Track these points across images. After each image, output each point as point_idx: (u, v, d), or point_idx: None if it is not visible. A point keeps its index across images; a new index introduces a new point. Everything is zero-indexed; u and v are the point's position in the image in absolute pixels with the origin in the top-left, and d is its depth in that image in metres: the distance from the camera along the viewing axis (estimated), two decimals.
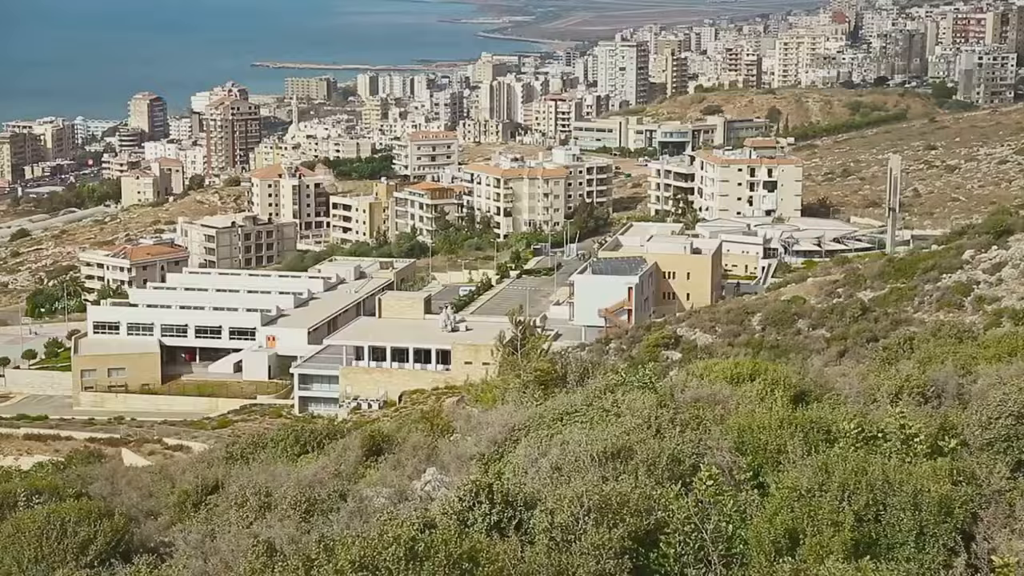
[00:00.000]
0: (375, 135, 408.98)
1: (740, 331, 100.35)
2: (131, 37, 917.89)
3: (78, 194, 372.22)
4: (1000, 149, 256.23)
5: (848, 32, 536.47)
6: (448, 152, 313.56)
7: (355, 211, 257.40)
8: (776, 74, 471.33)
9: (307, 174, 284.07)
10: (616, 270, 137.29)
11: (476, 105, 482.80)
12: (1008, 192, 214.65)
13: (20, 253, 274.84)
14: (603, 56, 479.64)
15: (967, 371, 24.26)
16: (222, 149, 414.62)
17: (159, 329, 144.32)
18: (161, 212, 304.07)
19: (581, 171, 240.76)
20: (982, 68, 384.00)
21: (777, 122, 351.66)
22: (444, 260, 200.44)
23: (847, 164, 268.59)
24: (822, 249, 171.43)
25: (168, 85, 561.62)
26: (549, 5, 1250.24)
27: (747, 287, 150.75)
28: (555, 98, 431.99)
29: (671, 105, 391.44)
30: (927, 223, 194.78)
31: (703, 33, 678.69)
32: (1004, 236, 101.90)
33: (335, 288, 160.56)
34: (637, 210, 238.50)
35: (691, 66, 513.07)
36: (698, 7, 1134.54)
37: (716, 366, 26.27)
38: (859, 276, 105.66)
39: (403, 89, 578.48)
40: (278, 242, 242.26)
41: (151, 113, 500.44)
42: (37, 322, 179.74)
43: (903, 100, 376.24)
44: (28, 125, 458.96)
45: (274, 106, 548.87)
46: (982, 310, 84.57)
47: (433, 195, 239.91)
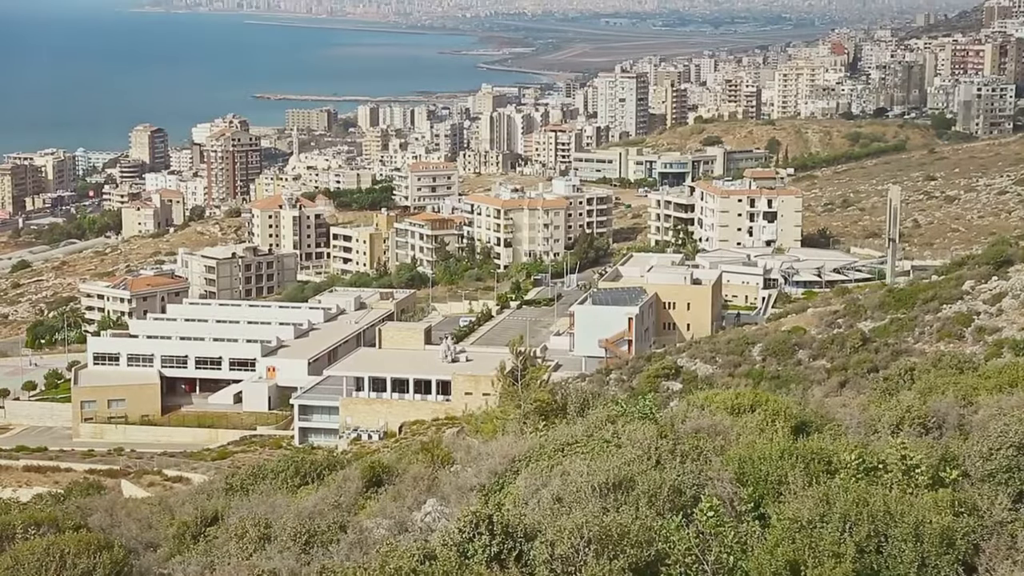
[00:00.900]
0: (375, 166, 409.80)
1: (740, 361, 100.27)
2: (132, 69, 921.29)
3: (79, 225, 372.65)
4: (999, 180, 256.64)
5: (847, 63, 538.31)
6: (448, 183, 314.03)
7: (355, 242, 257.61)
8: (775, 105, 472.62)
9: (307, 205, 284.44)
10: (616, 300, 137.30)
11: (476, 136, 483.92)
12: (1008, 222, 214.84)
13: (21, 284, 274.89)
14: (603, 87, 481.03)
15: (968, 402, 24.24)
16: (223, 180, 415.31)
17: (159, 360, 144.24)
18: (162, 243, 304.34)
19: (581, 202, 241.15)
20: (981, 99, 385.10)
21: (777, 153, 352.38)
22: (444, 291, 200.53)
23: (847, 195, 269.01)
24: (822, 279, 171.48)
25: (169, 116, 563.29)
26: (549, 37, 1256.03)
27: (747, 317, 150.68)
28: (555, 129, 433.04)
29: (671, 136, 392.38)
30: (927, 253, 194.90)
31: (702, 64, 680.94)
32: (1004, 267, 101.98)
33: (335, 319, 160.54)
34: (637, 240, 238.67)
35: (691, 97, 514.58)
36: (697, 39, 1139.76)
37: (717, 397, 26.25)
38: (859, 306, 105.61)
39: (403, 120, 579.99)
40: (278, 273, 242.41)
41: (152, 144, 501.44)
42: (37, 353, 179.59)
43: (902, 131, 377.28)
44: (29, 157, 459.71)
45: (275, 137, 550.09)
46: (983, 340, 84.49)
47: (433, 226, 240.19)
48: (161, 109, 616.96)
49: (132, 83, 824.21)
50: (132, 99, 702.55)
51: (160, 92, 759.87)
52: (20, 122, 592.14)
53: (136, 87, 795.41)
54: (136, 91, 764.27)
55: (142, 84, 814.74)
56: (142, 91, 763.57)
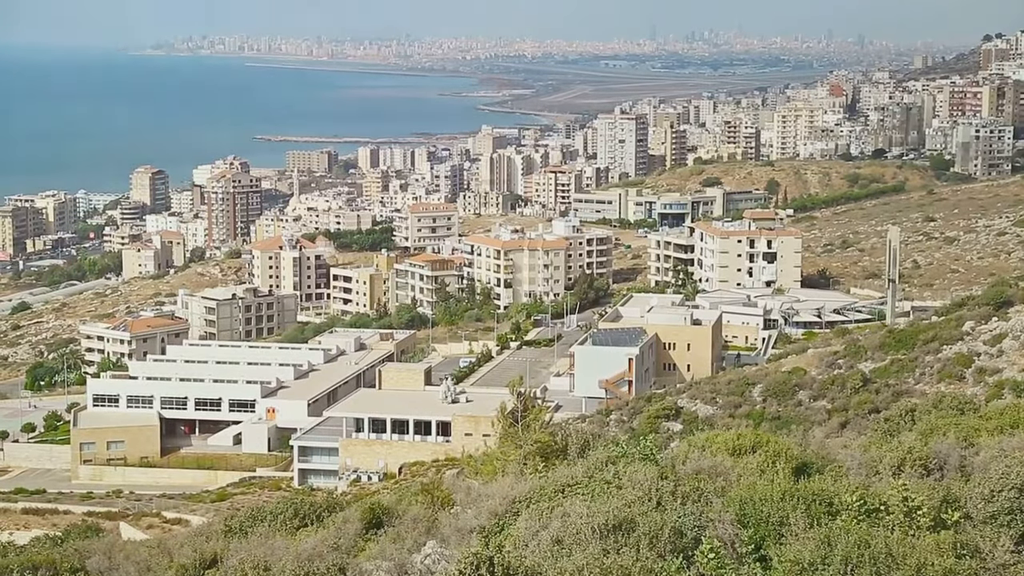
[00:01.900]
0: (376, 207, 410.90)
1: (741, 402, 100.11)
2: (134, 111, 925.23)
3: (79, 267, 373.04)
4: (999, 221, 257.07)
5: (845, 105, 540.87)
6: (448, 224, 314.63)
7: (355, 283, 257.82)
8: (775, 146, 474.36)
9: (308, 246, 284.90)
10: (616, 341, 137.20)
11: (476, 177, 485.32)
12: (1007, 263, 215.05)
13: (20, 326, 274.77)
14: (602, 128, 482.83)
15: (969, 443, 24.20)
16: (223, 221, 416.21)
17: (159, 402, 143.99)
18: (162, 284, 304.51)
19: (581, 242, 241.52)
20: (979, 141, 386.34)
21: (776, 194, 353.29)
22: (444, 331, 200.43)
23: (846, 235, 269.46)
24: (822, 320, 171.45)
25: (170, 158, 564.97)
26: (549, 79, 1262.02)
27: (747, 358, 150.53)
28: (555, 170, 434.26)
29: (670, 177, 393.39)
30: (927, 294, 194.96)
31: (702, 106, 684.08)
32: (1004, 308, 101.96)
33: (335, 360, 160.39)
34: (637, 281, 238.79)
35: (690, 138, 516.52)
36: (696, 80, 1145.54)
37: (717, 438, 26.20)
38: (860, 347, 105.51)
39: (404, 161, 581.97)
40: (278, 314, 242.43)
41: (153, 186, 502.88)
42: (37, 395, 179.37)
43: (901, 172, 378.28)
44: (30, 199, 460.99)
45: (275, 179, 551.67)
46: (983, 382, 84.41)
47: (433, 267, 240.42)
48: (162, 151, 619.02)
49: (134, 125, 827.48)
50: (133, 141, 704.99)
51: (161, 134, 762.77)
52: (22, 164, 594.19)
53: (138, 129, 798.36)
54: (138, 133, 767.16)
55: (144, 126, 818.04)
56: (144, 133, 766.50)
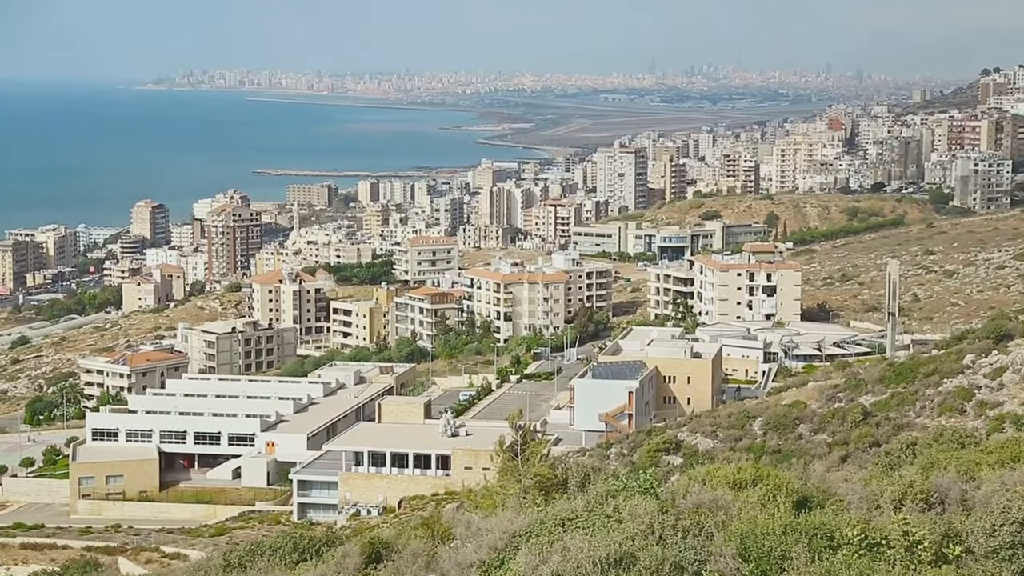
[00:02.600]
0: (376, 240, 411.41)
1: (741, 436, 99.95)
2: (135, 146, 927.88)
3: (79, 301, 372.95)
4: (998, 254, 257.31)
5: (844, 139, 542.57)
6: (448, 257, 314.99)
7: (355, 316, 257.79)
8: (774, 180, 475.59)
9: (308, 279, 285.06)
10: (616, 374, 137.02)
11: (476, 211, 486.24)
12: (1007, 297, 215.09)
13: (20, 360, 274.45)
14: (602, 162, 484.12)
15: (970, 477, 24.15)
16: (223, 255, 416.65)
17: (158, 436, 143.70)
18: (162, 318, 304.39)
19: (581, 276, 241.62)
20: (978, 174, 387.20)
21: (775, 227, 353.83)
22: (444, 365, 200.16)
23: (846, 269, 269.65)
24: (822, 353, 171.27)
25: (171, 192, 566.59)
26: (548, 113, 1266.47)
27: (748, 391, 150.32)
28: (554, 203, 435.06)
29: (670, 210, 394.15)
30: (927, 328, 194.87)
31: (701, 140, 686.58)
32: (1004, 341, 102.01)
33: (335, 393, 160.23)
34: (637, 314, 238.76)
35: (689, 172, 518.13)
36: (695, 114, 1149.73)
37: (718, 471, 26.15)
38: (860, 381, 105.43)
39: (404, 195, 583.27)
40: (278, 347, 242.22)
41: (153, 220, 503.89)
42: (36, 429, 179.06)
43: (900, 206, 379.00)
44: (30, 233, 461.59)
45: (275, 212, 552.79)
46: (984, 415, 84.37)
47: (433, 300, 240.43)
48: (163, 185, 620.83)
49: (134, 159, 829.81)
50: (134, 175, 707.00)
51: (162, 168, 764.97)
52: (21, 198, 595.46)
53: (138, 163, 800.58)
54: (138, 167, 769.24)
55: (144, 160, 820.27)
56: (144, 167, 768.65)
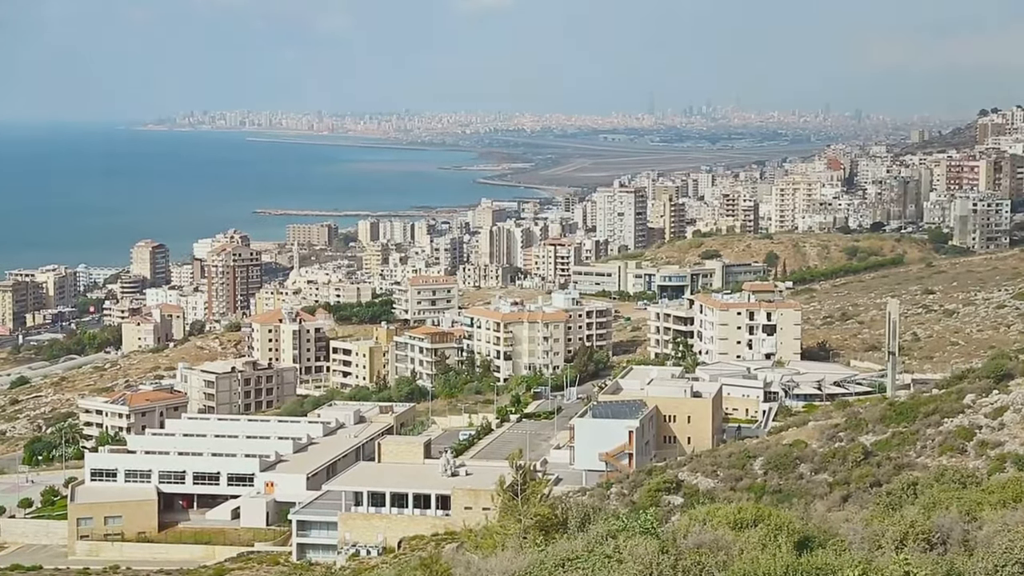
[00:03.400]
0: (375, 280, 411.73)
1: (742, 475, 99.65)
2: (135, 186, 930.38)
3: (78, 341, 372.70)
4: (998, 294, 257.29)
5: (843, 179, 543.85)
6: (448, 296, 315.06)
7: (355, 355, 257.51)
8: (773, 219, 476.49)
9: (307, 319, 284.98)
10: (616, 414, 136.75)
11: (476, 250, 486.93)
12: (1007, 336, 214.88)
13: (19, 400, 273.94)
14: (602, 201, 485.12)
15: (972, 517, 24.09)
16: (223, 295, 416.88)
17: (157, 476, 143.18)
18: (161, 358, 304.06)
19: (581, 315, 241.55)
20: (977, 214, 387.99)
21: (775, 266, 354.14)
22: (444, 404, 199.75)
23: (845, 308, 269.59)
24: (823, 393, 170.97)
25: (171, 232, 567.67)
26: (548, 152, 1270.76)
27: (748, 431, 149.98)
28: (554, 243, 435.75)
29: (669, 249, 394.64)
30: (927, 367, 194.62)
31: (700, 179, 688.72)
32: (1004, 380, 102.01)
33: (334, 433, 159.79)
34: (637, 353, 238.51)
35: (689, 211, 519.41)
36: (694, 154, 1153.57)
37: (718, 511, 26.08)
38: (860, 420, 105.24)
39: (404, 234, 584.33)
40: (278, 387, 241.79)
41: (153, 260, 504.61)
42: (34, 470, 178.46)
43: (899, 245, 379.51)
44: (31, 273, 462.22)
45: (275, 252, 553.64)
46: (985, 455, 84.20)
47: (433, 339, 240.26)
48: (163, 225, 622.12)
49: (134, 200, 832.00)
50: (134, 215, 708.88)
51: (162, 208, 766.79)
52: (22, 239, 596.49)
53: (139, 203, 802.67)
54: (138, 207, 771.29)
55: (145, 200, 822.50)
56: (145, 207, 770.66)
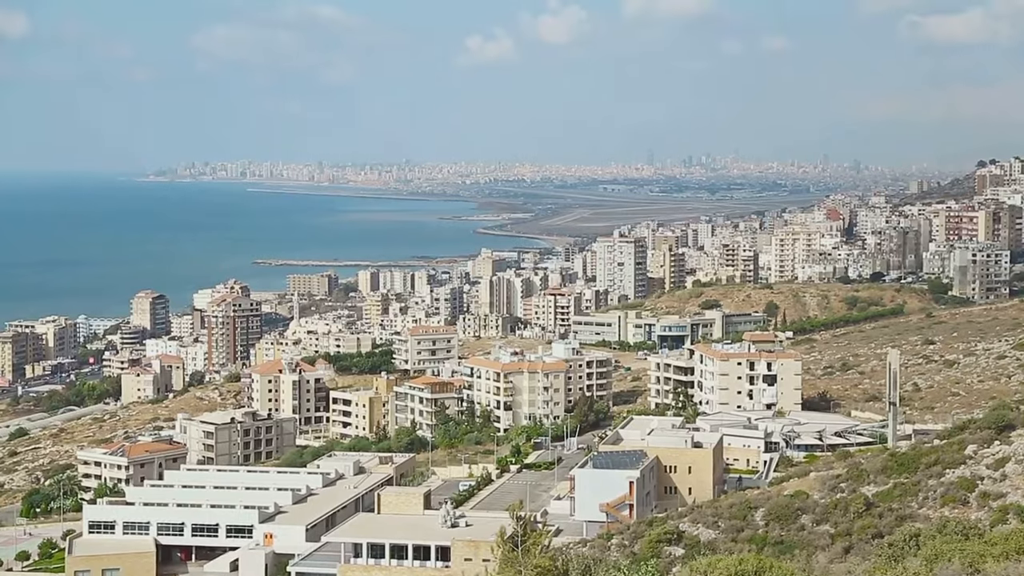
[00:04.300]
0: (375, 330, 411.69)
1: (743, 526, 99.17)
2: (136, 237, 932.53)
3: (78, 392, 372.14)
4: (998, 344, 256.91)
5: (843, 229, 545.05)
6: (448, 346, 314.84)
7: (355, 406, 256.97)
8: (773, 269, 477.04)
9: (307, 369, 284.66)
10: (617, 464, 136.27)
11: (476, 300, 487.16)
12: (1007, 387, 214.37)
13: (18, 452, 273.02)
14: (601, 251, 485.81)
15: (975, 569, 24.01)
16: (223, 345, 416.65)
17: (155, 528, 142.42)
18: (161, 409, 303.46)
19: (581, 365, 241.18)
20: (976, 265, 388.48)
21: (775, 316, 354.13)
22: (444, 454, 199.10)
23: (846, 358, 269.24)
24: (824, 443, 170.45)
25: (171, 283, 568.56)
26: (548, 202, 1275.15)
27: (749, 481, 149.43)
28: (554, 292, 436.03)
29: (669, 299, 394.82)
30: (928, 417, 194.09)
31: (700, 229, 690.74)
32: (1006, 431, 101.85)
33: (334, 484, 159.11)
34: (637, 403, 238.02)
35: (689, 261, 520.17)
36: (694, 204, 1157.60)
37: (720, 562, 26.00)
38: (862, 471, 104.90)
39: (404, 284, 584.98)
40: (277, 438, 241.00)
41: (153, 310, 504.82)
42: (32, 522, 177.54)
43: (899, 295, 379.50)
44: (31, 324, 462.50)
45: (275, 302, 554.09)
46: (987, 506, 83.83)
47: (433, 389, 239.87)
48: (164, 275, 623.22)
49: (135, 250, 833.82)
50: (135, 266, 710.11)
51: (163, 259, 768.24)
52: (23, 290, 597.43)
53: (139, 254, 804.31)
54: (139, 258, 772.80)
55: (145, 251, 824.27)
56: (145, 258, 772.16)
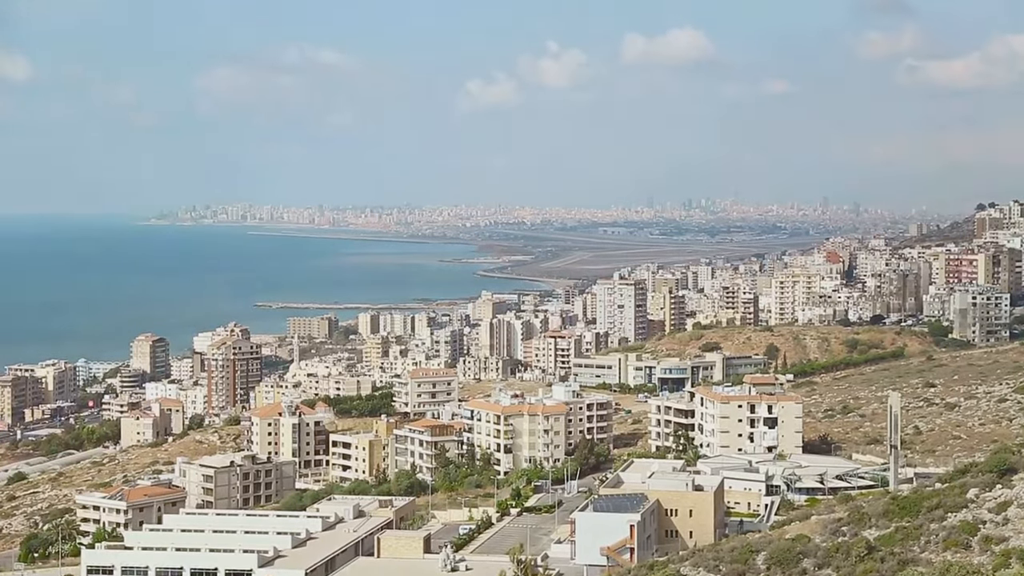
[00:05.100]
0: (376, 372, 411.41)
1: (744, 570, 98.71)
2: (137, 280, 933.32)
3: (77, 436, 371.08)
4: (999, 387, 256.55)
5: (843, 271, 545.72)
6: (448, 389, 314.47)
7: (355, 449, 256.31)
8: (773, 312, 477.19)
9: (307, 412, 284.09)
10: (618, 507, 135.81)
11: (476, 342, 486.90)
12: (1009, 430, 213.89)
13: (16, 497, 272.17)
14: (602, 294, 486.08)
15: None
16: (223, 388, 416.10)
17: (154, 572, 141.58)
18: (160, 452, 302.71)
19: (581, 407, 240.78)
20: (976, 307, 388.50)
21: (775, 359, 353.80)
22: (444, 498, 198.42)
23: (847, 401, 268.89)
24: (825, 486, 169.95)
25: (171, 326, 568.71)
26: (548, 245, 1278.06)
27: (750, 525, 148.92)
28: (554, 335, 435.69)
29: (670, 342, 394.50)
30: (929, 461, 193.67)
31: (700, 272, 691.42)
32: (1008, 475, 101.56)
33: (333, 527, 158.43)
34: (638, 446, 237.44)
35: (689, 303, 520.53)
36: (694, 247, 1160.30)
37: None
38: (863, 514, 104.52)
39: (404, 327, 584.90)
40: (277, 481, 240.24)
41: (153, 354, 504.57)
42: (31, 567, 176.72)
43: (900, 338, 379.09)
44: (30, 368, 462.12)
45: (276, 345, 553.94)
46: (989, 550, 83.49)
47: (433, 432, 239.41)
48: (164, 319, 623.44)
49: (135, 293, 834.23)
50: (135, 309, 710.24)
51: (163, 302, 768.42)
52: (22, 334, 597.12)
53: (139, 297, 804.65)
54: (139, 301, 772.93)
55: (145, 294, 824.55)
56: (145, 301, 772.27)
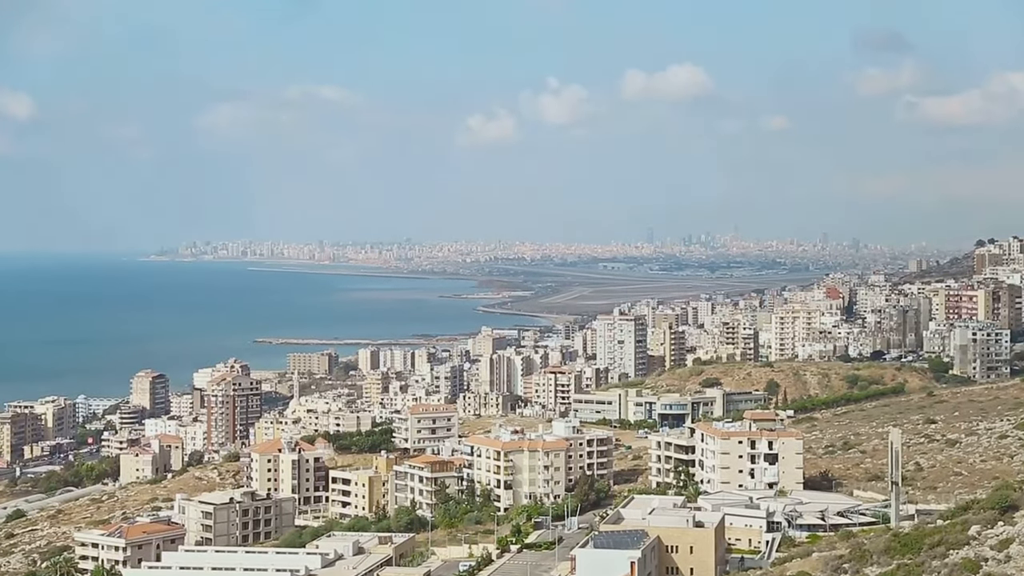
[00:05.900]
0: (375, 408, 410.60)
1: None
2: (136, 316, 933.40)
3: (76, 473, 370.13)
4: (1000, 424, 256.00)
5: (843, 307, 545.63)
6: (448, 425, 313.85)
7: (354, 485, 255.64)
8: (773, 347, 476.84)
9: (307, 448, 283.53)
10: (618, 544, 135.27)
11: (476, 378, 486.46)
12: (1010, 467, 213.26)
13: (14, 534, 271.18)
14: (602, 329, 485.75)
15: None
16: (223, 424, 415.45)
17: None
18: (159, 489, 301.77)
19: (581, 443, 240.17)
20: (977, 344, 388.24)
21: (776, 395, 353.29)
22: (444, 534, 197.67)
23: (847, 437, 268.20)
24: (826, 523, 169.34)
25: (171, 362, 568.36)
26: (548, 281, 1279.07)
27: (751, 561, 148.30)
28: (554, 371, 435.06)
29: (670, 377, 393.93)
30: (931, 497, 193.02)
31: (700, 307, 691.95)
32: (1010, 512, 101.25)
33: (333, 564, 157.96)
34: (638, 482, 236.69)
35: (689, 339, 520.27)
36: (694, 282, 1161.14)
37: None
38: (865, 551, 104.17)
39: (404, 363, 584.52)
40: (276, 517, 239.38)
41: (153, 390, 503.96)
42: None
43: (900, 374, 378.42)
44: (30, 405, 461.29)
45: (276, 381, 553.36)
46: None
47: (433, 468, 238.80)
48: (164, 355, 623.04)
49: (136, 330, 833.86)
50: (135, 345, 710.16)
51: (163, 338, 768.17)
52: (22, 371, 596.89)
53: (139, 334, 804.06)
54: (139, 338, 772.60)
55: (146, 331, 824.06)
56: (146, 337, 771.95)
